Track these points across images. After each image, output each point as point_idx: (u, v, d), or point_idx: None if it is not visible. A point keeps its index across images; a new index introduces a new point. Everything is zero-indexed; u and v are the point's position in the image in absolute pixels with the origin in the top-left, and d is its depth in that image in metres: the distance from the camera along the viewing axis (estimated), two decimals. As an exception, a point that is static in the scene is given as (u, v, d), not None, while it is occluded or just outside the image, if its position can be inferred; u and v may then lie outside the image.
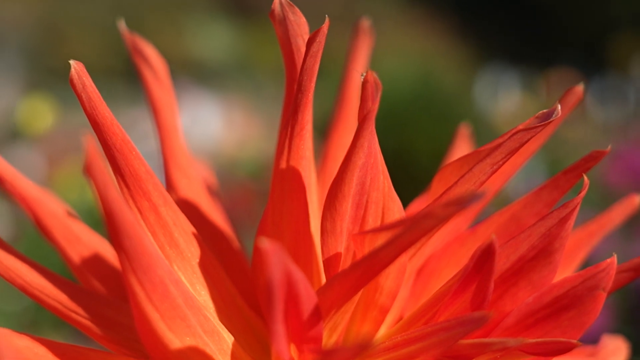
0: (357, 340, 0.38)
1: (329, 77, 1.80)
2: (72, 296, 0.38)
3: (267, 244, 0.28)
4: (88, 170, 0.29)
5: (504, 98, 5.38)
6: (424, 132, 3.25)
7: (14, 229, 2.49)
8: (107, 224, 0.30)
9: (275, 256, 0.28)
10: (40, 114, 2.12)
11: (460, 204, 0.29)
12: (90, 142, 0.30)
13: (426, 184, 0.41)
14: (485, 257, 0.33)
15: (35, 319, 2.08)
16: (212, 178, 0.52)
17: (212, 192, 0.47)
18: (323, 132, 0.45)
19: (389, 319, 0.39)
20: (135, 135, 0.38)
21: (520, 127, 0.36)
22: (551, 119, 0.36)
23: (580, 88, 0.42)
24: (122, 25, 0.46)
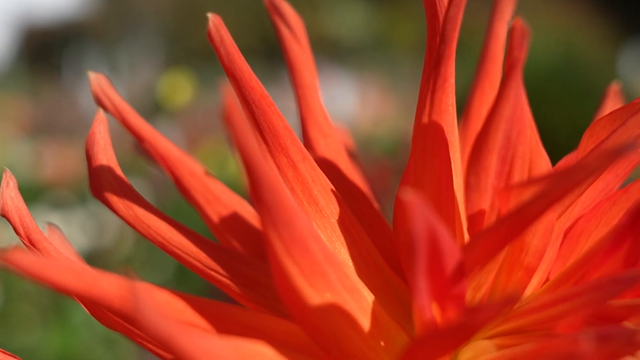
0: (503, 296, 0.37)
1: (468, 52, 1.75)
2: (212, 255, 0.38)
3: (410, 196, 0.27)
4: (226, 121, 0.29)
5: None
6: (563, 109, 3.16)
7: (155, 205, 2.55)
8: (246, 175, 0.30)
9: (419, 208, 0.27)
10: (180, 87, 2.18)
11: (615, 153, 0.27)
12: (228, 92, 0.29)
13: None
14: (640, 213, 0.31)
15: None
16: (350, 140, 0.51)
17: (350, 152, 0.46)
18: (462, 111, 0.43)
19: (535, 280, 0.37)
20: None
21: None
22: None
23: None
24: None
